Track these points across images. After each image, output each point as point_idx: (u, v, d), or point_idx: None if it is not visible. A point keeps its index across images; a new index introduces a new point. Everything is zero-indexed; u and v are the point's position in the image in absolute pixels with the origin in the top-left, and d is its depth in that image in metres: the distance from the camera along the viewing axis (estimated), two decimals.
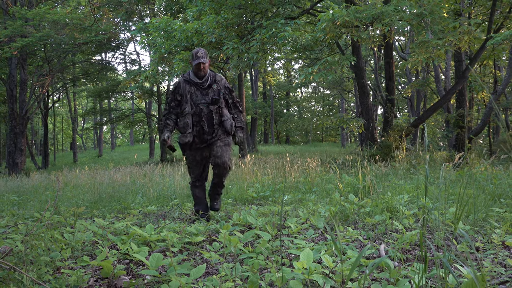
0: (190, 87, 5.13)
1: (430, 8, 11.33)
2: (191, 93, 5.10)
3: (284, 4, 14.39)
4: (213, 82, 5.16)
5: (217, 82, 5.19)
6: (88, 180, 10.05)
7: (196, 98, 5.09)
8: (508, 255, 3.22)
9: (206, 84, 5.13)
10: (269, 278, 2.53)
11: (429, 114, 15.99)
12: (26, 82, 22.24)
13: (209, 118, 5.09)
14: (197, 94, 5.10)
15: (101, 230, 4.03)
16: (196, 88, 5.12)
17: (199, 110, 5.06)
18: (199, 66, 5.05)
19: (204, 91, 5.12)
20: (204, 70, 5.08)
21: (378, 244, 3.61)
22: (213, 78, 5.19)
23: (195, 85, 5.12)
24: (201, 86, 5.12)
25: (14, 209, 6.52)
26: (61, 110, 47.35)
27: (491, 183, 5.94)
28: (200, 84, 5.11)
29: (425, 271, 1.90)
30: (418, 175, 7.64)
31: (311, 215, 4.59)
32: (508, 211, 4.45)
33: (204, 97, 5.10)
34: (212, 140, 5.10)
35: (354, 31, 11.52)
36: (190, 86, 5.13)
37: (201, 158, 5.19)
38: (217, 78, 5.22)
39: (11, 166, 20.89)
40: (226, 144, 5.14)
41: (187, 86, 5.13)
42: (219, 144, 5.11)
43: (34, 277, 2.46)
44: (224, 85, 5.25)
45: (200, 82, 5.11)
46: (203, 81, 5.12)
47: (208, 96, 5.10)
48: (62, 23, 19.31)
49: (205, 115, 5.07)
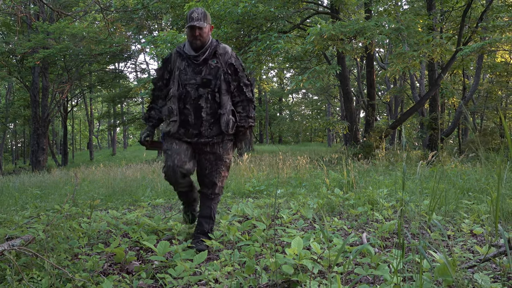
0: (181, 62, 3.40)
1: (406, 23, 11.37)
2: (180, 70, 3.37)
3: (277, 20, 14.43)
4: (212, 56, 3.36)
5: (219, 56, 3.37)
6: (103, 176, 10.02)
7: (185, 77, 3.34)
8: (475, 242, 3.23)
9: (201, 59, 3.34)
10: (264, 263, 2.52)
11: (406, 117, 16.02)
12: (48, 88, 22.21)
13: (197, 106, 3.31)
14: (187, 71, 3.35)
15: (115, 220, 4.02)
16: (188, 63, 3.37)
17: (185, 93, 3.31)
18: (193, 32, 3.29)
19: (197, 68, 3.35)
20: (202, 38, 3.31)
21: (361, 232, 3.61)
22: (213, 50, 3.37)
23: (187, 59, 3.37)
24: (194, 60, 3.35)
25: (37, 202, 6.49)
26: (79, 113, 47.20)
27: (460, 178, 5.95)
28: (194, 58, 3.35)
29: (403, 257, 1.90)
30: (396, 171, 7.65)
31: (301, 207, 4.59)
32: (475, 203, 4.46)
33: (195, 75, 3.32)
34: (201, 141, 3.35)
35: (339, 44, 11.53)
36: (181, 61, 3.40)
37: (179, 147, 3.36)
38: (219, 50, 3.39)
39: (34, 163, 20.84)
40: (218, 158, 3.42)
41: (178, 60, 3.42)
42: (208, 156, 3.41)
43: (54, 262, 2.45)
44: (227, 61, 3.38)
45: (194, 56, 3.35)
46: (199, 54, 3.35)
47: (200, 75, 3.32)
48: (80, 36, 19.25)
49: (192, 100, 3.30)
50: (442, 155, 10.47)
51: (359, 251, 1.93)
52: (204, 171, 3.46)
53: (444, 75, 13.96)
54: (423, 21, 13.47)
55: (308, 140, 48.95)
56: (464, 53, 11.61)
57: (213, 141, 3.38)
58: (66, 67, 22.46)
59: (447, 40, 12.02)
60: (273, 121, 44.15)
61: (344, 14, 16.69)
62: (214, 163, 3.44)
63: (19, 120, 32.13)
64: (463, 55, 12.20)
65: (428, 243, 2.71)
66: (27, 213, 4.94)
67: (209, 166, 3.44)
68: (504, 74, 20.90)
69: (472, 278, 2.14)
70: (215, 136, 3.37)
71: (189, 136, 3.37)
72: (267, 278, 2.42)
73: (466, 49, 11.47)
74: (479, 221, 3.81)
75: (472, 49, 11.39)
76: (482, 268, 2.54)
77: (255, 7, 12.94)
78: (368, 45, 12.51)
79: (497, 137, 19.69)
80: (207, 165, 3.44)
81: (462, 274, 2.18)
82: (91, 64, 24.36)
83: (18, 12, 9.03)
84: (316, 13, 16.86)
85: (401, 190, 5.13)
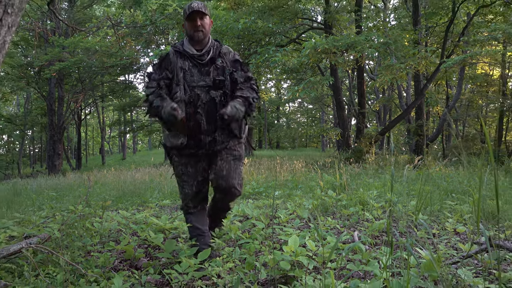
0: (183, 62, 2.79)
1: (394, 38, 11.41)
2: (185, 71, 2.78)
3: (275, 35, 14.47)
4: (218, 56, 2.85)
5: (223, 55, 2.87)
6: (114, 179, 10.01)
7: (191, 79, 2.77)
8: (459, 240, 3.23)
9: (207, 58, 2.81)
10: (263, 259, 2.52)
11: (394, 125, 16.02)
12: (63, 98, 22.23)
13: (209, 110, 2.76)
14: (192, 72, 2.79)
15: (125, 220, 4.01)
16: (192, 63, 2.80)
17: (195, 97, 2.74)
18: (195, 22, 2.75)
19: (204, 69, 2.80)
20: (204, 30, 2.78)
21: (352, 231, 3.61)
22: (218, 49, 2.87)
23: (190, 58, 2.80)
24: (199, 60, 2.81)
25: (52, 203, 6.48)
26: (91, 121, 47.17)
27: (444, 181, 5.95)
28: (198, 57, 2.81)
29: (391, 254, 1.90)
30: (384, 175, 7.65)
31: (297, 208, 4.58)
32: (458, 204, 4.46)
33: (203, 77, 2.78)
34: (214, 147, 2.81)
35: (332, 57, 11.56)
36: (183, 61, 2.80)
37: (196, 170, 2.86)
38: (223, 49, 2.89)
39: (50, 167, 20.82)
40: (236, 158, 2.89)
41: (179, 61, 2.80)
42: (224, 156, 2.84)
43: (68, 259, 2.44)
44: (231, 59, 2.90)
45: (197, 55, 2.80)
46: (203, 53, 2.82)
47: (209, 76, 2.79)
48: (93, 50, 19.26)
49: (203, 104, 2.75)
50: (428, 159, 10.47)
51: (351, 248, 1.93)
52: (221, 173, 2.81)
53: (429, 85, 13.98)
54: (409, 36, 13.51)
55: (303, 145, 48.94)
56: (447, 65, 11.63)
57: (230, 144, 2.86)
58: (80, 78, 22.49)
59: (431, 53, 12.05)
60: (271, 128, 44.20)
61: (337, 29, 16.73)
62: (233, 164, 2.86)
63: (37, 127, 32.11)
64: (446, 67, 12.22)
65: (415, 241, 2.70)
66: (43, 213, 4.93)
67: (226, 166, 2.83)
68: (484, 84, 20.98)
69: (455, 273, 2.14)
70: (230, 139, 2.86)
71: (202, 146, 2.79)
72: (265, 274, 2.42)
73: (449, 62, 11.49)
74: (462, 221, 3.81)
75: (454, 61, 11.41)
76: (465, 264, 2.53)
77: (255, 23, 12.99)
78: (358, 58, 12.54)
79: (478, 142, 19.73)
80: (224, 165, 2.83)
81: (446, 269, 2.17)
82: (103, 75, 24.39)
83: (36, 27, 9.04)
84: (311, 28, 16.91)
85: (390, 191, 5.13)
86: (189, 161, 2.85)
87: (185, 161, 2.86)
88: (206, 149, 2.81)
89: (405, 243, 1.85)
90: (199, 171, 2.87)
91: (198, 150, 2.81)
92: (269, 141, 46.52)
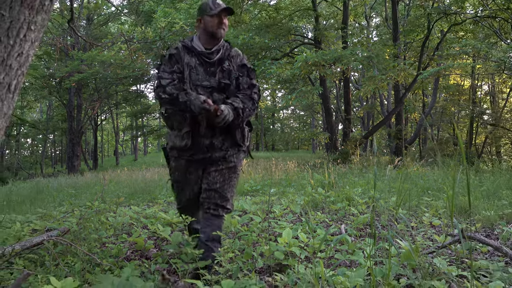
0: (190, 58, 2.32)
1: (376, 52, 11.46)
2: (191, 68, 2.30)
3: (271, 49, 14.52)
4: (226, 57, 2.37)
5: (231, 58, 2.39)
6: (126, 178, 9.98)
7: (195, 77, 2.30)
8: (434, 232, 3.22)
9: (216, 57, 2.34)
10: (260, 250, 2.51)
11: (376, 129, 16.05)
12: (81, 106, 22.23)
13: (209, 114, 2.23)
14: (198, 70, 2.31)
15: (136, 215, 4.00)
16: (199, 61, 2.33)
17: None
18: (221, 20, 2.30)
19: (210, 69, 2.33)
20: (225, 28, 2.33)
21: (340, 224, 3.60)
22: (227, 51, 2.39)
23: (198, 55, 2.33)
24: (207, 58, 2.33)
25: (71, 199, 6.46)
26: (107, 126, 47.02)
27: (421, 179, 5.96)
28: (206, 55, 2.33)
29: (374, 244, 1.89)
30: (368, 174, 7.65)
31: (291, 203, 4.58)
32: (434, 200, 4.46)
33: (208, 77, 2.32)
34: (212, 153, 2.35)
35: (321, 69, 11.58)
36: (190, 57, 2.33)
37: (196, 176, 2.41)
38: (232, 52, 2.41)
39: (70, 167, 20.77)
40: (232, 170, 2.41)
41: (187, 57, 2.32)
42: (220, 167, 2.37)
43: (85, 250, 2.43)
44: (239, 63, 2.41)
45: (206, 52, 2.33)
46: (212, 52, 2.34)
47: (215, 78, 2.32)
48: (108, 62, 19.23)
49: None
50: (406, 160, 10.47)
51: (338, 240, 1.92)
52: (213, 185, 2.36)
53: (407, 94, 14.01)
54: (389, 50, 13.55)
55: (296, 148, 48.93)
56: (424, 77, 11.67)
57: (229, 154, 2.39)
58: (97, 88, 22.46)
59: (409, 66, 12.08)
60: (267, 132, 44.31)
61: (325, 44, 16.76)
62: (227, 176, 2.39)
63: (58, 132, 32.04)
64: (423, 78, 12.26)
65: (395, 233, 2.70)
66: (63, 209, 4.91)
67: (220, 179, 2.38)
68: (456, 93, 21.08)
69: (432, 262, 2.13)
70: (230, 148, 2.39)
71: (200, 150, 2.33)
72: (262, 263, 2.41)
73: (425, 73, 11.53)
74: (437, 215, 3.81)
75: (430, 73, 11.45)
76: (440, 254, 2.53)
77: (252, 39, 13.01)
78: (345, 70, 12.57)
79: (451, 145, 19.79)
80: (218, 178, 2.38)
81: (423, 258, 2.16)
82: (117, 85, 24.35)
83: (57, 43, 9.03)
84: (302, 43, 16.94)
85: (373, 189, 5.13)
86: (187, 167, 2.39)
87: (183, 167, 2.40)
88: (203, 154, 2.35)
89: (386, 235, 1.85)
90: (194, 179, 2.41)
91: (199, 155, 2.35)
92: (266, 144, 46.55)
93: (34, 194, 7.72)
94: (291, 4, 16.92)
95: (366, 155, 11.52)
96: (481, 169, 8.03)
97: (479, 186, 5.11)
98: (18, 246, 2.46)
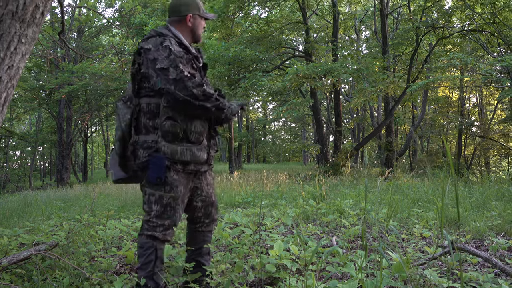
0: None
1: (366, 65, 11.60)
2: None
3: (262, 62, 14.62)
4: None
5: None
6: (116, 190, 9.89)
7: None
8: (425, 244, 3.23)
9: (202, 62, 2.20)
10: (251, 262, 2.50)
11: (366, 141, 16.15)
12: (71, 117, 22.10)
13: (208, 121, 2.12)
14: None
15: (126, 228, 3.96)
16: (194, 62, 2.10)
17: None
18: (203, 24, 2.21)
19: (202, 72, 2.18)
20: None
21: (331, 236, 3.60)
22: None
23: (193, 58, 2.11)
24: (198, 62, 2.15)
25: (60, 212, 6.37)
26: (97, 138, 46.73)
27: (411, 191, 5.99)
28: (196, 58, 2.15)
29: (366, 256, 1.89)
30: (359, 185, 7.68)
31: (282, 215, 4.57)
32: (424, 211, 4.49)
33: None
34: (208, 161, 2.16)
35: (312, 81, 11.67)
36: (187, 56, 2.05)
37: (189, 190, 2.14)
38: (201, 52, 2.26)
39: (59, 180, 20.55)
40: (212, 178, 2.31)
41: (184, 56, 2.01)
42: (209, 179, 2.25)
43: (74, 264, 2.39)
44: None
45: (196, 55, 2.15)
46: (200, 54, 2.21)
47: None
48: (99, 74, 19.20)
49: None
50: (397, 172, 10.55)
51: (330, 252, 1.92)
52: (210, 199, 2.25)
53: (397, 106, 14.16)
54: (379, 63, 13.73)
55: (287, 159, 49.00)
56: (413, 89, 11.82)
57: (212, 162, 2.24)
58: (87, 100, 22.38)
59: (398, 78, 12.23)
60: (258, 144, 44.33)
61: (316, 57, 16.93)
62: (211, 185, 2.28)
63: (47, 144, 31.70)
64: (412, 91, 12.41)
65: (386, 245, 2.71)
66: (52, 222, 4.84)
67: (211, 190, 2.26)
68: (445, 105, 21.39)
69: (422, 273, 2.14)
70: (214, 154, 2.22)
71: (197, 161, 2.06)
72: (253, 275, 2.39)
73: (414, 86, 11.68)
74: (428, 226, 3.82)
75: (419, 85, 11.61)
76: (431, 265, 2.54)
77: (243, 52, 13.10)
78: (335, 82, 12.69)
79: (440, 156, 19.98)
80: (211, 191, 2.25)
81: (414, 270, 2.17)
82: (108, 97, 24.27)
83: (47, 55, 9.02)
84: (293, 56, 17.10)
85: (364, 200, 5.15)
86: (187, 182, 2.10)
87: (184, 182, 2.08)
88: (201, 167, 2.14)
89: (377, 247, 1.85)
90: (186, 192, 2.12)
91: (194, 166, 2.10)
92: (257, 156, 46.54)
93: (22, 207, 7.60)
94: (282, 17, 17.11)
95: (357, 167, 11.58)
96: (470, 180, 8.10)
97: (469, 198, 5.15)
98: (5, 261, 2.42)
